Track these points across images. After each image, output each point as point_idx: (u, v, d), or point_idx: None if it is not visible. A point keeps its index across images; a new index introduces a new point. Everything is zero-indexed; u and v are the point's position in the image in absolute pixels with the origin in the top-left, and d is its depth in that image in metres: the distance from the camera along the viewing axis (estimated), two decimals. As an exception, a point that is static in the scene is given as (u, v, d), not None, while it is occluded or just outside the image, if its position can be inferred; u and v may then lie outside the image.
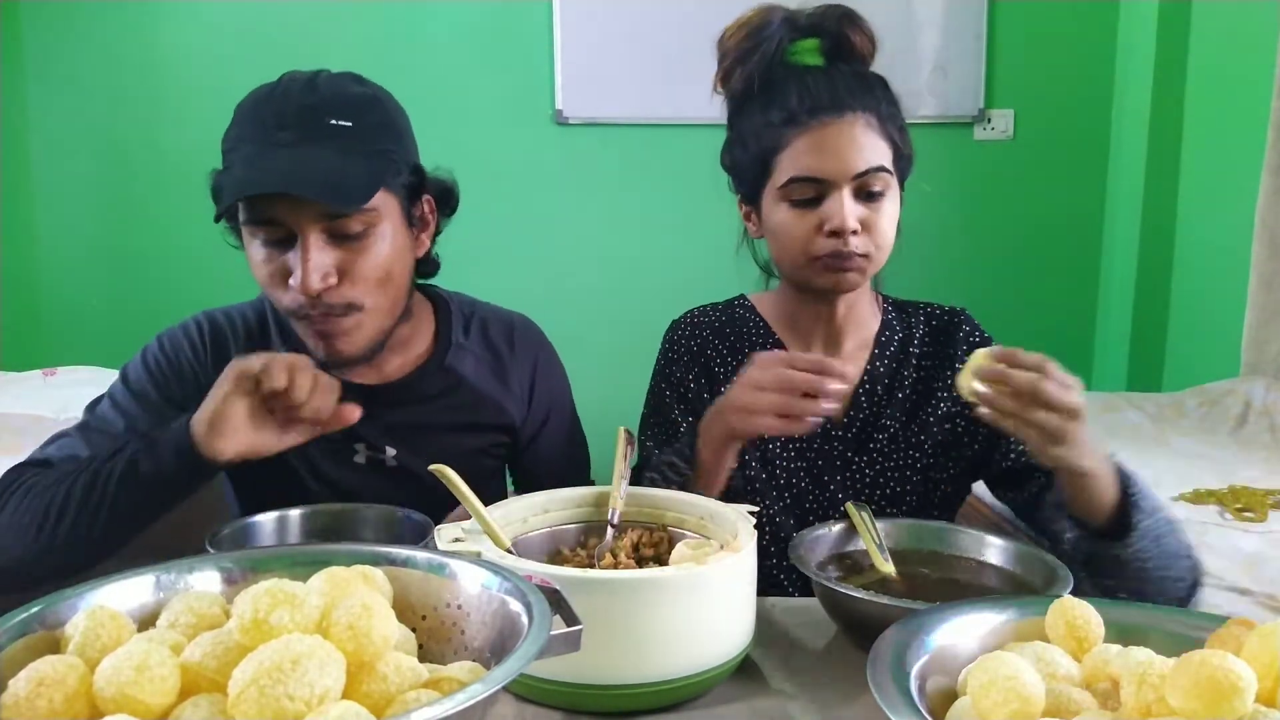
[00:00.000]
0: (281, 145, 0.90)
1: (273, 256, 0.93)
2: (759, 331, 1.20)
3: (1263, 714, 0.49)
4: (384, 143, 0.96)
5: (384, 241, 0.96)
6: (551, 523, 0.92)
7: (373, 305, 0.96)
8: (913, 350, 1.18)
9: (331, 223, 0.91)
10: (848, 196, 1.03)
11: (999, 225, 3.23)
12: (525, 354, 1.16)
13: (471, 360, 1.12)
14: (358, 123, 0.93)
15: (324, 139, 0.91)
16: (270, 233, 0.92)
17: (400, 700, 0.51)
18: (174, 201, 3.12)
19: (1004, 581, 0.89)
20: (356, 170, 0.91)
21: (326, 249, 0.92)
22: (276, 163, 0.89)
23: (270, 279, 0.95)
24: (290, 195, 0.88)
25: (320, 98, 0.92)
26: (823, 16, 1.07)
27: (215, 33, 3.05)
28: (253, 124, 0.93)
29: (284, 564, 0.65)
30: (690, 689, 0.74)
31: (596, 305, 3.13)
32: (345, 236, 0.92)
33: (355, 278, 0.94)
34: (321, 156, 0.90)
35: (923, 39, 3.09)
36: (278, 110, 0.92)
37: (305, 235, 0.90)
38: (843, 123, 1.03)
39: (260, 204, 0.91)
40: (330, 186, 0.88)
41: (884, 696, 0.53)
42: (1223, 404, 2.40)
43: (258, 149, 0.91)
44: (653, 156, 3.14)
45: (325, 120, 0.91)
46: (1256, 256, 2.52)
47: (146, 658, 0.48)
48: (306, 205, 0.89)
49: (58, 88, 3.07)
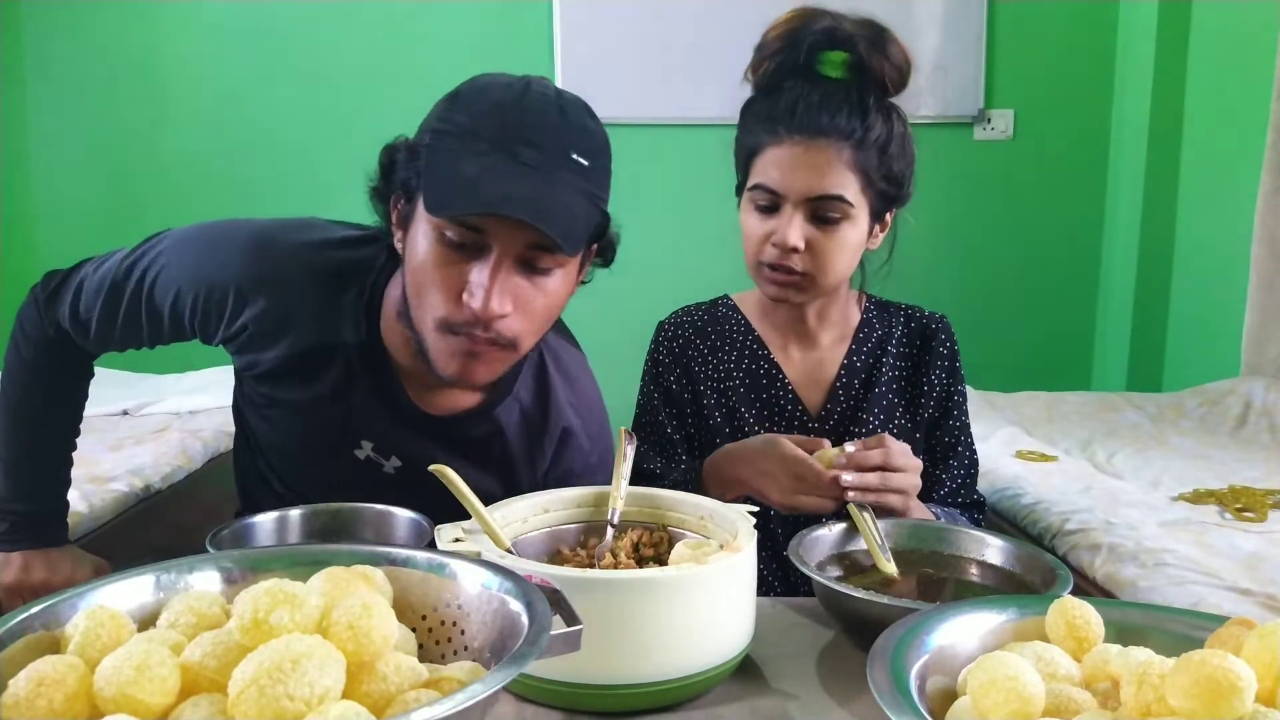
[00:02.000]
0: (527, 165, 0.84)
1: (453, 261, 0.86)
2: (740, 329, 1.24)
3: (1263, 714, 0.49)
4: (603, 191, 0.92)
5: (562, 285, 0.92)
6: (551, 523, 0.92)
7: (525, 347, 0.93)
8: (890, 348, 1.22)
9: (533, 253, 0.86)
10: (798, 215, 1.07)
11: (999, 225, 3.23)
12: (566, 434, 1.10)
13: (518, 415, 1.07)
14: (592, 164, 0.88)
15: (565, 172, 0.86)
16: (466, 237, 0.85)
17: (400, 700, 0.51)
18: (174, 201, 3.12)
19: (1004, 581, 0.89)
20: (583, 215, 0.87)
21: (514, 275, 0.87)
22: (523, 187, 0.83)
23: (440, 285, 0.87)
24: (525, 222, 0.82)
25: (567, 124, 0.87)
26: (856, 32, 1.08)
27: (215, 33, 3.05)
28: (493, 125, 0.85)
29: (284, 564, 0.65)
30: (690, 689, 0.74)
31: (596, 305, 3.11)
32: (534, 269, 0.88)
33: (527, 313, 0.89)
34: (562, 193, 0.85)
35: (923, 39, 3.09)
36: (524, 123, 0.85)
37: (505, 258, 0.85)
38: (813, 145, 1.05)
39: (468, 214, 0.84)
40: (564, 227, 0.84)
41: (884, 696, 0.53)
42: (1223, 404, 2.40)
43: (503, 160, 0.84)
44: (653, 156, 3.14)
45: (569, 153, 0.86)
46: (1256, 256, 2.52)
47: (147, 658, 0.48)
48: (520, 230, 0.84)
49: (58, 88, 3.07)
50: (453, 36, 3.08)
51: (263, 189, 3.08)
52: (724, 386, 1.22)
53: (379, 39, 3.08)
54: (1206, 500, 1.68)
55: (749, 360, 1.22)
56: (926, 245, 3.06)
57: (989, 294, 3.24)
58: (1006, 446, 2.07)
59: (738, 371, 1.22)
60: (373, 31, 3.07)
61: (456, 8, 3.08)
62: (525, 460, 1.08)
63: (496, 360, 0.92)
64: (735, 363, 1.22)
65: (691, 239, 2.92)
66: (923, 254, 3.03)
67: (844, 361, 1.21)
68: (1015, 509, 1.71)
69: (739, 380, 1.22)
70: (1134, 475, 1.89)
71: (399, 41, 3.08)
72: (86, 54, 3.05)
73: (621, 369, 1.47)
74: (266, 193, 3.09)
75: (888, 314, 1.25)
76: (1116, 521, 1.51)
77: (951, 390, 1.21)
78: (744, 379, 1.21)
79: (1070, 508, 1.60)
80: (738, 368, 1.22)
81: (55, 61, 3.06)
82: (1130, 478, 1.88)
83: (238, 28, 3.05)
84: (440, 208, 0.84)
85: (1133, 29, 3.09)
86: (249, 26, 3.05)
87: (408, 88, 3.05)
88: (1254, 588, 1.26)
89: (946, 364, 1.21)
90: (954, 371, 1.21)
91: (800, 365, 1.22)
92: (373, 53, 3.08)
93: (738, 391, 1.21)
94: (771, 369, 1.21)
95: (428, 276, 0.88)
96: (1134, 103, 3.07)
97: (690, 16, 3.03)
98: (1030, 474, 1.84)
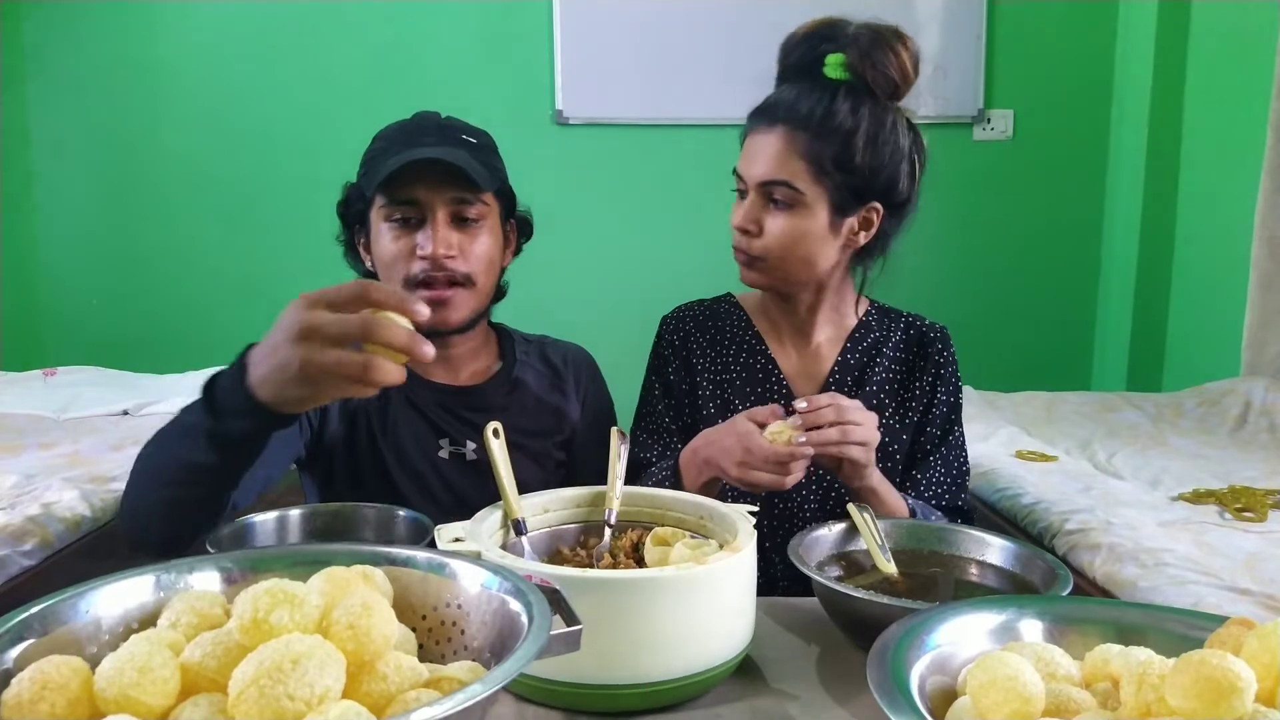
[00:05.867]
0: (426, 144, 1.11)
1: (402, 235, 1.12)
2: (740, 325, 1.26)
3: (1262, 714, 0.49)
4: (495, 161, 1.19)
5: (491, 234, 1.17)
6: (551, 523, 0.92)
7: (480, 285, 1.15)
8: (887, 351, 1.23)
9: (457, 206, 1.12)
10: (753, 198, 1.13)
11: (998, 225, 3.23)
12: (578, 371, 1.31)
13: (533, 374, 1.27)
14: (479, 141, 1.17)
15: (458, 145, 1.13)
16: (405, 212, 1.11)
17: (400, 700, 0.51)
18: (174, 202, 3.13)
19: (1004, 581, 0.89)
20: (482, 167, 1.13)
21: (451, 228, 1.12)
22: (428, 151, 1.09)
23: (399, 255, 1.12)
24: (429, 177, 1.09)
25: (450, 123, 1.17)
26: (858, 35, 1.10)
27: (215, 33, 3.06)
28: (397, 137, 1.14)
29: (284, 564, 0.65)
30: (690, 689, 0.74)
31: (596, 305, 3.13)
32: (464, 220, 1.13)
33: (470, 256, 1.14)
34: (460, 155, 1.11)
35: (923, 39, 3.06)
36: (418, 127, 1.15)
37: (435, 213, 1.11)
38: (769, 133, 1.12)
39: (402, 187, 1.10)
40: (468, 166, 1.09)
41: (884, 696, 0.53)
42: (1223, 404, 2.40)
43: (405, 146, 1.11)
44: (653, 156, 3.14)
45: (458, 134, 1.15)
46: (1256, 256, 2.52)
47: (149, 659, 0.48)
48: (441, 189, 1.10)
49: (58, 88, 3.07)
50: (453, 36, 3.09)
51: (263, 189, 3.08)
52: (721, 379, 1.23)
53: (379, 39, 3.08)
54: (1206, 500, 1.68)
55: (746, 354, 1.24)
56: (926, 245, 3.06)
57: (989, 294, 3.24)
58: (1006, 446, 2.07)
59: (735, 365, 1.23)
60: (373, 31, 3.08)
61: (456, 8, 3.08)
62: (560, 398, 1.28)
63: (460, 302, 1.14)
64: (733, 356, 1.24)
65: (691, 239, 2.92)
66: (922, 254, 3.02)
67: (838, 359, 1.22)
68: (1015, 509, 1.71)
69: (736, 373, 1.23)
70: (1134, 475, 1.89)
71: (399, 41, 3.08)
72: (86, 54, 3.05)
73: (622, 368, 1.47)
74: (267, 193, 3.10)
75: (888, 319, 1.26)
76: (1116, 521, 1.51)
77: (939, 397, 1.21)
78: (740, 372, 1.23)
79: (1070, 508, 1.60)
80: (735, 361, 1.24)
81: (55, 61, 3.06)
82: (1130, 478, 1.88)
83: (238, 28, 3.05)
84: (375, 186, 1.10)
85: (1133, 29, 3.09)
86: (249, 26, 3.05)
87: (408, 88, 3.06)
88: (1254, 588, 1.26)
89: (940, 371, 1.21)
90: (946, 380, 1.21)
91: (796, 361, 1.24)
92: (373, 53, 3.08)
93: (734, 384, 1.23)
94: (768, 364, 1.23)
95: (388, 255, 1.13)
96: (1134, 103, 3.07)
97: (690, 17, 3.03)
98: (1030, 474, 1.84)
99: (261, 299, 3.13)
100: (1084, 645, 0.61)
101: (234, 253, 3.13)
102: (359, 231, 1.20)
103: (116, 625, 0.59)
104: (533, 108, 3.12)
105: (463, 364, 1.24)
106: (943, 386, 1.21)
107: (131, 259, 3.15)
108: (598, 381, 1.34)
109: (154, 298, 3.15)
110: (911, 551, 0.95)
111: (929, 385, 1.21)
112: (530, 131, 3.11)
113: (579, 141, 3.15)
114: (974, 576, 0.91)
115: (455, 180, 1.10)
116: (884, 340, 1.23)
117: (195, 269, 3.15)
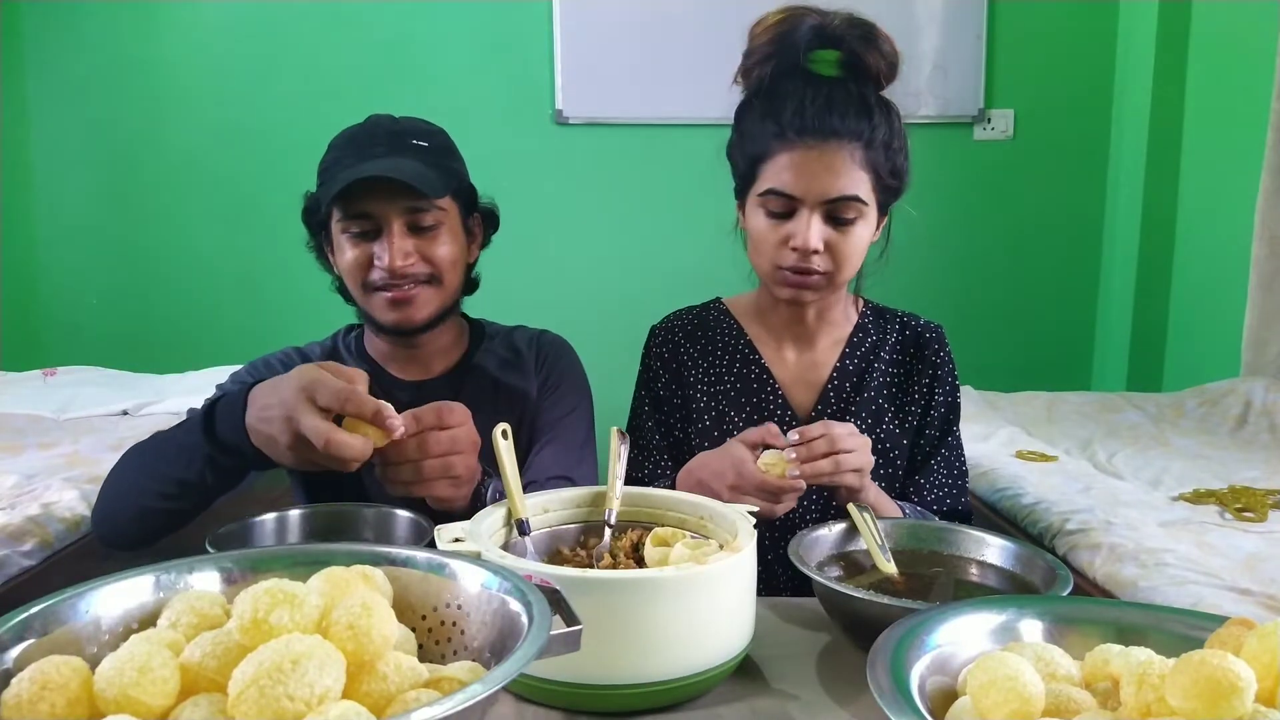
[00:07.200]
0: (376, 156, 1.12)
1: (359, 245, 1.13)
2: (731, 333, 1.24)
3: (1262, 714, 0.49)
4: (450, 161, 1.19)
5: (450, 235, 1.17)
6: (551, 523, 0.92)
7: (446, 282, 1.16)
8: (884, 354, 1.22)
9: (412, 215, 1.12)
10: (816, 218, 1.08)
11: (999, 225, 3.23)
12: (541, 351, 1.31)
13: (493, 359, 1.28)
14: (431, 144, 1.17)
15: (408, 153, 1.13)
16: (361, 225, 1.12)
17: (400, 700, 0.51)
18: (174, 202, 3.13)
19: (1004, 581, 0.89)
20: (433, 174, 1.13)
21: (407, 237, 1.12)
22: (374, 165, 1.10)
23: (357, 264, 1.14)
24: (381, 190, 1.09)
25: (402, 127, 1.16)
26: (846, 30, 1.08)
27: (215, 33, 3.06)
28: (348, 147, 1.14)
29: (284, 564, 0.65)
30: (690, 689, 0.74)
31: (595, 305, 3.13)
32: (420, 229, 1.13)
33: (432, 258, 1.14)
34: (408, 163, 1.11)
35: (923, 39, 3.09)
36: (369, 135, 1.15)
37: (390, 224, 1.11)
38: (825, 148, 1.06)
39: (355, 202, 1.11)
40: (417, 178, 1.09)
41: (884, 696, 0.53)
42: (1223, 404, 2.40)
43: (356, 159, 1.12)
44: (653, 156, 3.14)
45: (409, 140, 1.15)
46: (1256, 256, 2.52)
47: (149, 659, 0.48)
48: (393, 201, 1.10)
49: (58, 88, 3.07)
50: (453, 36, 3.09)
51: (263, 189, 3.08)
52: (715, 390, 1.22)
53: (379, 38, 3.08)
54: (1206, 500, 1.68)
55: (740, 364, 1.22)
56: (926, 245, 3.06)
57: (989, 294, 3.24)
58: (1006, 446, 2.07)
59: (728, 375, 1.22)
60: (373, 31, 3.08)
61: (456, 8, 3.08)
62: (518, 377, 1.27)
63: (424, 300, 1.15)
64: (726, 366, 1.22)
65: (691, 239, 2.92)
66: (922, 254, 3.03)
67: (836, 364, 1.21)
68: (1015, 509, 1.71)
69: (729, 384, 1.22)
70: (1134, 475, 1.89)
71: (399, 41, 3.08)
72: (86, 54, 3.05)
73: (620, 369, 1.47)
74: (267, 193, 3.09)
75: (884, 320, 1.25)
76: (1116, 521, 1.51)
77: (937, 398, 1.20)
78: (734, 382, 1.22)
79: (1070, 508, 1.60)
80: (729, 371, 1.22)
81: (55, 61, 3.06)
82: (1130, 478, 1.88)
83: (237, 28, 3.05)
84: (331, 198, 1.11)
85: (1133, 29, 3.09)
86: (249, 26, 3.05)
87: (408, 88, 3.06)
88: (1254, 588, 1.26)
89: (936, 372, 1.21)
90: (943, 380, 1.21)
91: (793, 367, 1.22)
92: (373, 52, 3.09)
93: (728, 395, 1.21)
94: (762, 373, 1.21)
95: (348, 265, 1.14)
96: (1134, 103, 3.07)
97: (690, 17, 3.03)
98: (1030, 474, 1.84)
99: (261, 299, 3.15)
100: (1084, 645, 0.61)
101: (234, 253, 3.13)
102: (325, 238, 1.20)
103: (116, 625, 0.59)
104: (532, 108, 3.12)
105: (434, 360, 1.24)
106: (940, 387, 1.21)
107: (131, 259, 3.15)
108: (565, 359, 1.31)
109: (153, 298, 3.15)
110: (911, 551, 0.95)
111: (926, 387, 1.21)
112: (530, 131, 3.12)
113: (579, 141, 3.15)
114: (974, 576, 0.91)
115: (407, 191, 1.09)
116: (881, 343, 1.22)
117: (195, 269, 3.15)
